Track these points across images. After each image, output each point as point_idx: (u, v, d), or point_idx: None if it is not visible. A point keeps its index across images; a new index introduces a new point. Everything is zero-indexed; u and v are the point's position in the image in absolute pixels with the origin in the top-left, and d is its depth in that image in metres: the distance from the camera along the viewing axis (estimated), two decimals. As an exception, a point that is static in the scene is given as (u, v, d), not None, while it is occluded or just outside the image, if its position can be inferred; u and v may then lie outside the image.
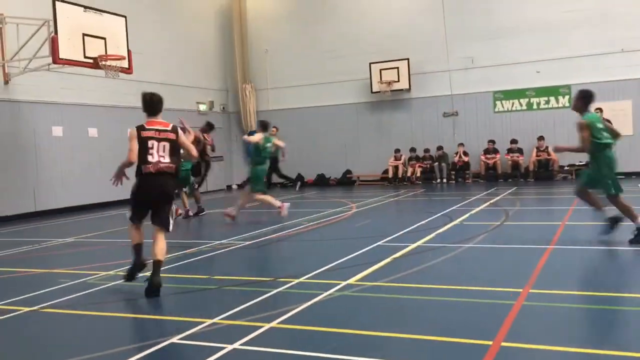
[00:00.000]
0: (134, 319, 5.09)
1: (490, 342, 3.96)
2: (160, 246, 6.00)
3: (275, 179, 19.02)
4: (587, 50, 17.61)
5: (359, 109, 20.84)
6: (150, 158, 5.96)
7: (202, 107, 20.74)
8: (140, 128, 6.05)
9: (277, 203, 11.18)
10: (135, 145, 5.95)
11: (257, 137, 11.13)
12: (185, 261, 7.59)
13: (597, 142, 7.28)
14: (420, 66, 19.60)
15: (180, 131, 6.30)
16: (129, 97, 17.10)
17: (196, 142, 11.88)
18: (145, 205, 6.19)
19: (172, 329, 4.63)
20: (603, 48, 17.48)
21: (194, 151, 6.52)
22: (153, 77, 17.78)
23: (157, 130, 6.06)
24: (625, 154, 17.11)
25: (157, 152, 5.99)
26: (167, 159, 6.04)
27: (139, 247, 6.19)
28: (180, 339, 4.34)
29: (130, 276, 6.16)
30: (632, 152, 17.25)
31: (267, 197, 11.35)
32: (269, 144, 11.29)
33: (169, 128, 6.15)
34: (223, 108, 22.03)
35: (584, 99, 7.48)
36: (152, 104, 6.26)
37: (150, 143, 5.96)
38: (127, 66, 13.45)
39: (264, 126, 11.41)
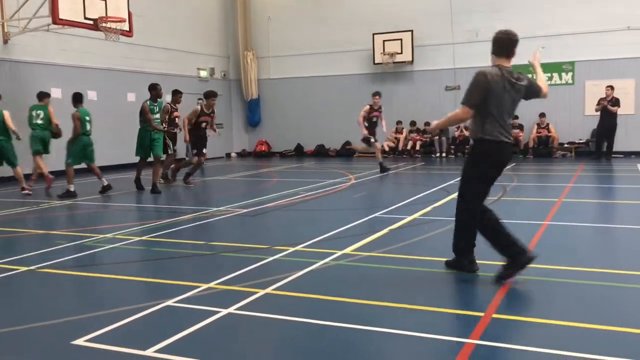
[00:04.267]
0: (130, 281, 5.13)
1: (482, 314, 4.02)
2: None
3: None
4: (592, 27, 17.43)
5: (360, 80, 20.68)
6: None
7: (203, 74, 20.57)
8: None
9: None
10: None
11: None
12: (182, 227, 7.62)
13: None
14: (424, 39, 19.42)
15: None
16: (130, 60, 16.99)
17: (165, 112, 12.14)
18: None
19: (168, 292, 4.68)
20: (608, 25, 17.28)
21: None
22: (153, 41, 17.62)
23: None
24: (626, 133, 17.13)
25: None
26: None
27: None
28: (176, 302, 4.39)
29: None
30: (633, 132, 17.23)
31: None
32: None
33: None
34: (224, 75, 21.87)
35: None
36: None
37: None
38: (127, 29, 13.30)
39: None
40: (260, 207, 9.15)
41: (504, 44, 4.85)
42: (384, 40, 19.67)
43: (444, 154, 19.03)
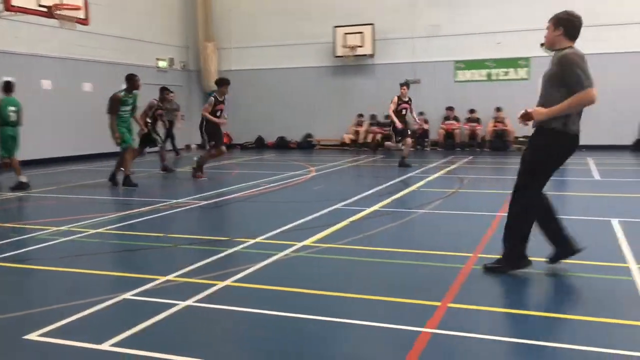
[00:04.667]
0: (86, 274, 5.03)
1: (438, 303, 4.10)
2: None
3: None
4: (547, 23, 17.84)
5: (321, 72, 20.70)
6: None
7: (162, 64, 20.23)
8: None
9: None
10: None
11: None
12: (140, 219, 7.52)
13: None
14: (385, 32, 19.53)
15: None
16: (86, 49, 16.57)
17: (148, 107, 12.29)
18: None
19: (126, 285, 4.62)
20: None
21: None
22: (111, 30, 17.24)
23: None
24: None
25: None
26: None
27: None
28: (134, 294, 4.34)
29: None
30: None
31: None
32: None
33: None
34: (183, 66, 21.56)
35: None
36: None
37: None
38: (83, 17, 12.95)
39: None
40: (221, 199, 9.09)
41: (577, 26, 4.67)
42: (345, 33, 19.70)
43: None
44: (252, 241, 6.06)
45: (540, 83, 4.77)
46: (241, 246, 5.87)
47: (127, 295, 4.31)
